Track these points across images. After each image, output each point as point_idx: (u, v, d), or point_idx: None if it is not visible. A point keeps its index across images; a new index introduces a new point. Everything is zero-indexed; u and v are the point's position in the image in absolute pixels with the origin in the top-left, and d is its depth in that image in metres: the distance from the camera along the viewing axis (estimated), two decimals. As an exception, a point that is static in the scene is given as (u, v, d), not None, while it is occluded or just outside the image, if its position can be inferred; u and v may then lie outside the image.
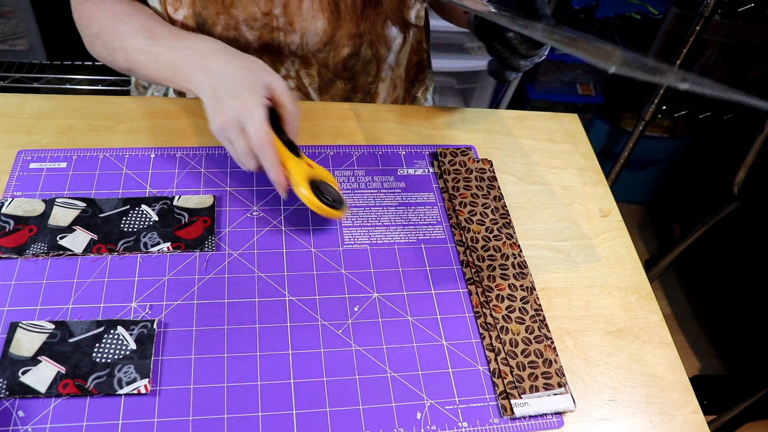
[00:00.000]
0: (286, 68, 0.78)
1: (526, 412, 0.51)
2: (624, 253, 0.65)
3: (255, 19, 0.71)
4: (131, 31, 0.66)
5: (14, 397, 0.47)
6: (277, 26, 0.72)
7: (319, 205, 0.57)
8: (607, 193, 0.71)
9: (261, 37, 0.73)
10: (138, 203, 0.60)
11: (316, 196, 0.57)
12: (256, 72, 0.60)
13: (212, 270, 0.57)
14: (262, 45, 0.75)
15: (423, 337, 0.55)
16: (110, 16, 0.68)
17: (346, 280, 0.58)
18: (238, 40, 0.74)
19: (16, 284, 0.54)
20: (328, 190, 0.58)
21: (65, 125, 0.67)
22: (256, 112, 0.56)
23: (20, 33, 1.47)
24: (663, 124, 1.68)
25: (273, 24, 0.72)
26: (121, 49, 0.67)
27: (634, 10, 1.49)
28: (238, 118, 0.57)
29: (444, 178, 0.67)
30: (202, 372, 0.50)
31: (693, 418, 0.54)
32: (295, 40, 0.74)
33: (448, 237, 0.63)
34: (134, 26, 0.67)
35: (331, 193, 0.58)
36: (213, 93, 0.59)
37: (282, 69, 0.78)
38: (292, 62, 0.77)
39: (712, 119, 1.55)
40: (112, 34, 0.67)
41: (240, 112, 0.56)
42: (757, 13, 1.42)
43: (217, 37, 0.74)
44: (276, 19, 0.72)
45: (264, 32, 0.73)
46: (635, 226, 1.85)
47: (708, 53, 1.54)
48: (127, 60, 0.67)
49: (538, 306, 0.58)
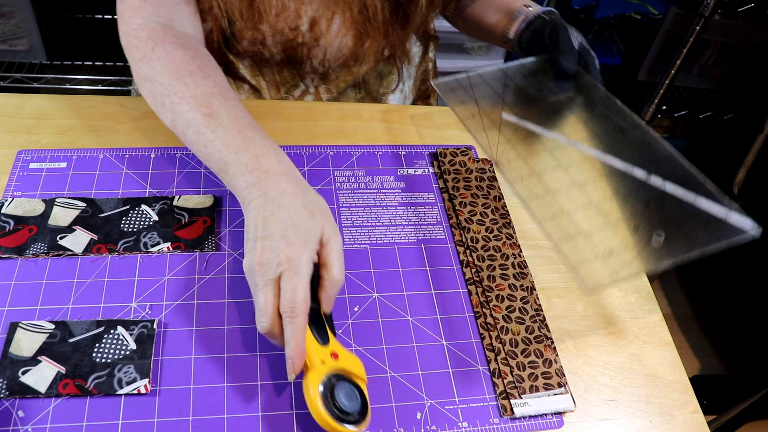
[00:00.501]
0: (306, 84, 0.78)
1: (526, 412, 0.51)
2: (624, 253, 0.65)
3: (282, 34, 0.71)
4: (188, 96, 0.56)
5: (14, 397, 0.47)
6: (303, 42, 0.72)
7: (324, 418, 0.45)
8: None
9: (285, 51, 0.73)
10: (138, 203, 0.60)
11: (326, 404, 0.45)
12: (318, 217, 0.50)
13: (212, 270, 0.57)
14: (285, 58, 0.74)
15: (423, 337, 0.55)
16: (168, 65, 0.58)
17: (346, 280, 0.58)
18: (262, 53, 0.73)
19: (16, 284, 0.54)
20: (349, 393, 0.46)
21: (65, 125, 0.67)
22: (302, 269, 0.47)
23: (20, 33, 1.47)
24: (663, 124, 1.68)
25: (299, 40, 0.72)
26: (170, 111, 0.57)
27: (634, 10, 1.49)
28: (278, 265, 0.47)
29: (444, 178, 0.67)
30: (202, 372, 0.50)
31: (693, 418, 0.54)
32: (318, 54, 0.74)
33: (448, 237, 0.63)
34: (193, 91, 0.56)
35: (350, 399, 0.46)
36: (262, 222, 0.49)
37: (302, 84, 0.78)
38: (312, 79, 0.77)
39: (712, 119, 1.55)
40: (167, 87, 0.57)
41: (283, 261, 0.47)
42: (757, 13, 1.42)
43: (242, 50, 0.73)
44: (302, 35, 0.71)
45: (288, 46, 0.73)
46: (635, 226, 1.85)
47: (708, 53, 1.54)
48: (173, 125, 0.58)
49: (538, 306, 0.57)
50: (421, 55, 0.84)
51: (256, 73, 0.77)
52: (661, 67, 1.51)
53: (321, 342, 0.48)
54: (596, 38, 1.60)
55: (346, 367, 0.48)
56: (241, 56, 0.75)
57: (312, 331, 0.48)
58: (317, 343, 0.48)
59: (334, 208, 0.63)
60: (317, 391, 0.45)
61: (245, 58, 0.75)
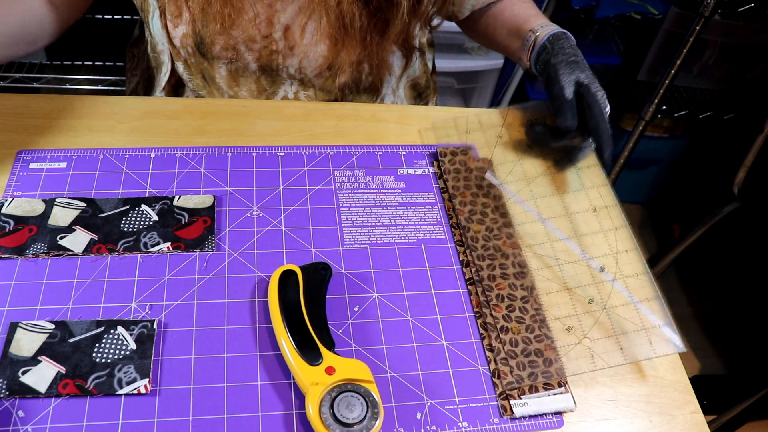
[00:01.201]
0: (285, 90, 0.77)
1: (526, 412, 0.51)
2: (624, 253, 0.65)
3: (254, 41, 0.71)
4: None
5: (14, 397, 0.47)
6: (276, 49, 0.72)
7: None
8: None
9: (259, 59, 0.73)
10: (138, 203, 0.60)
11: (326, 423, 0.46)
12: None
13: (212, 270, 0.57)
14: (260, 67, 0.74)
15: (423, 337, 0.55)
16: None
17: (346, 280, 0.58)
18: (237, 60, 0.73)
19: (16, 284, 0.54)
20: (350, 403, 0.47)
21: (65, 125, 0.67)
22: None
23: (20, 33, 1.46)
24: (663, 124, 1.68)
25: (272, 47, 0.71)
26: None
27: (634, 10, 1.49)
28: None
29: (444, 178, 0.67)
30: (202, 372, 0.50)
31: (693, 418, 0.54)
32: (294, 63, 0.73)
33: (448, 237, 0.63)
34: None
35: (352, 409, 0.47)
36: None
37: (281, 90, 0.77)
38: (291, 84, 0.77)
39: (712, 119, 1.55)
40: None
41: None
42: (757, 13, 1.42)
43: (216, 55, 0.73)
44: (276, 42, 0.71)
45: (263, 54, 0.72)
46: (635, 226, 1.85)
47: (708, 53, 1.54)
48: None
49: (539, 306, 0.57)
50: (402, 66, 0.82)
51: (233, 83, 0.77)
52: (661, 67, 1.51)
53: (312, 363, 0.49)
54: (596, 38, 1.60)
55: (345, 376, 0.48)
56: (217, 63, 0.75)
57: (300, 356, 0.49)
58: (308, 366, 0.48)
59: (334, 208, 0.63)
60: (317, 412, 0.46)
61: (222, 66, 0.75)
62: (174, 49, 0.74)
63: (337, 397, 0.47)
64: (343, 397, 0.47)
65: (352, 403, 0.47)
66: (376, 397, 0.48)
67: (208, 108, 0.71)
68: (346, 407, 0.46)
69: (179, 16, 0.69)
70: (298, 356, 0.49)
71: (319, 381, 0.48)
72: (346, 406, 0.47)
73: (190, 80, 0.77)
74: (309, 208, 0.63)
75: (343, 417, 0.46)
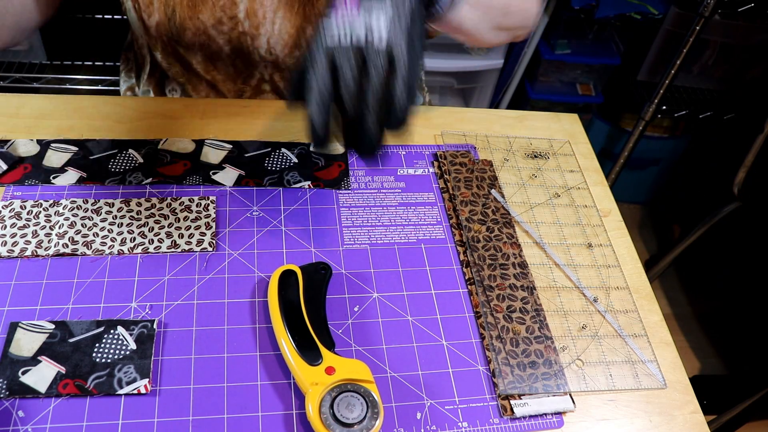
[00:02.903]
0: (260, 72, 0.78)
1: (526, 412, 0.51)
2: (624, 253, 0.65)
3: (222, 23, 0.72)
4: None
5: (14, 397, 0.47)
6: (244, 30, 0.72)
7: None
8: (607, 193, 0.71)
9: (230, 42, 0.74)
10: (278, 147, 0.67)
11: (326, 424, 0.46)
12: None
13: (212, 270, 0.57)
14: (233, 50, 0.75)
15: (423, 337, 0.55)
16: None
17: (346, 280, 0.58)
18: (210, 45, 0.74)
19: (16, 284, 0.54)
20: (349, 403, 0.47)
21: (65, 125, 0.67)
22: None
23: (20, 33, 1.46)
24: (663, 124, 1.68)
25: (239, 29, 0.72)
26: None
27: (634, 10, 1.49)
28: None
29: (444, 178, 0.67)
30: (202, 372, 0.50)
31: (693, 418, 0.54)
32: (263, 44, 0.74)
33: (448, 237, 0.63)
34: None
35: (352, 409, 0.47)
36: None
37: (256, 73, 0.78)
38: (265, 66, 0.77)
39: (712, 119, 1.55)
40: None
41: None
42: (757, 13, 1.42)
43: (189, 42, 0.74)
44: (241, 23, 0.72)
45: (232, 36, 0.73)
46: (635, 226, 1.85)
47: (708, 53, 1.54)
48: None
49: (539, 306, 0.57)
50: None
51: (210, 67, 0.78)
52: (661, 67, 1.51)
53: (312, 363, 0.49)
54: (596, 38, 1.60)
55: (346, 377, 0.48)
56: (192, 50, 0.76)
57: (300, 356, 0.49)
58: (308, 366, 0.48)
59: (334, 208, 0.63)
60: (317, 412, 0.46)
61: (197, 52, 0.76)
62: (151, 39, 0.76)
63: (337, 397, 0.47)
64: (343, 397, 0.47)
65: (352, 403, 0.47)
66: (376, 397, 0.48)
67: (208, 108, 0.71)
68: (346, 407, 0.47)
69: (150, 5, 0.71)
70: (298, 356, 0.49)
71: (319, 381, 0.48)
72: (346, 406, 0.47)
73: (170, 68, 0.79)
74: (309, 208, 0.63)
75: (343, 417, 0.46)
